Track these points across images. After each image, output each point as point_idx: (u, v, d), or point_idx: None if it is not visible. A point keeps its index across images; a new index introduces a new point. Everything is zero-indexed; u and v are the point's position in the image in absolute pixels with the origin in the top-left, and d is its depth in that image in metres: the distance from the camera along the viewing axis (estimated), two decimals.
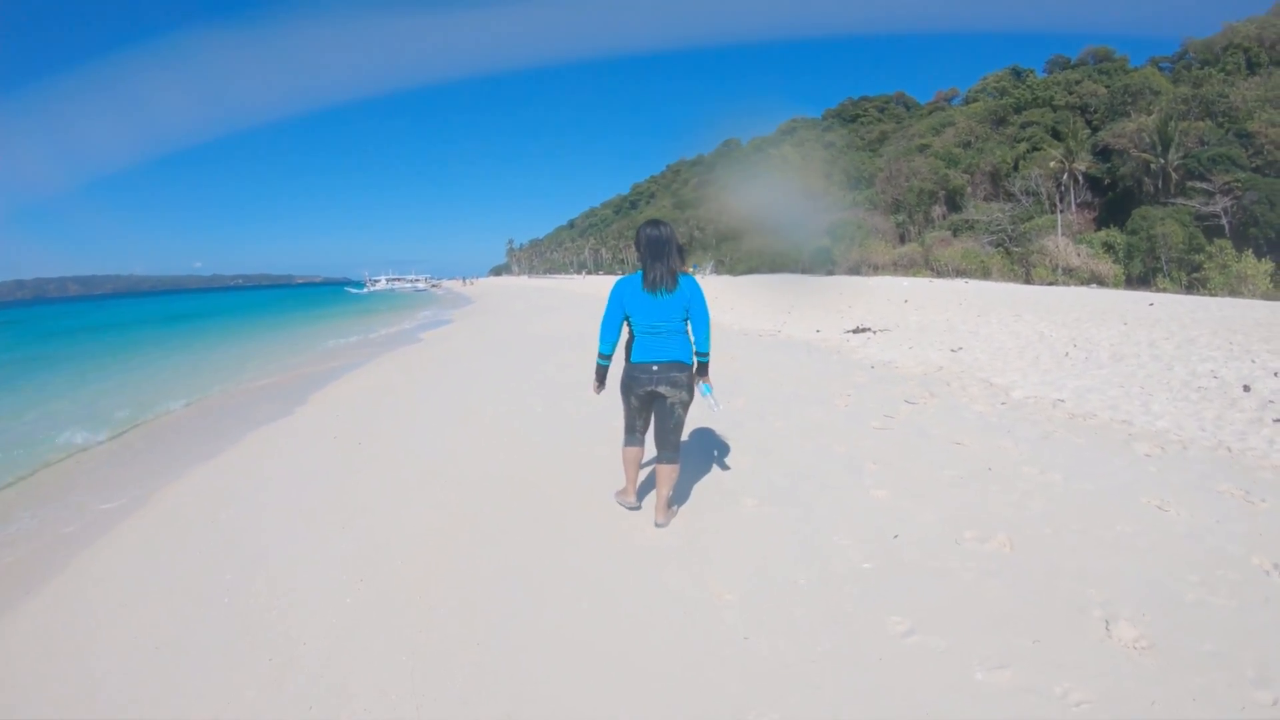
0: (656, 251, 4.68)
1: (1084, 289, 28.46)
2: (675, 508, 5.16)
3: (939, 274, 46.01)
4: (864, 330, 14.57)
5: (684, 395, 4.82)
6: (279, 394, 12.31)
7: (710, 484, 5.73)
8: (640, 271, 4.74)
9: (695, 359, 4.88)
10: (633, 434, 5.09)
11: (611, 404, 6.00)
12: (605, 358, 4.90)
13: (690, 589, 4.06)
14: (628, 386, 4.89)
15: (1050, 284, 36.77)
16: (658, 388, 4.78)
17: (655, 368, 4.75)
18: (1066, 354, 10.51)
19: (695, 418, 7.54)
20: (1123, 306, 16.97)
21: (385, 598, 4.21)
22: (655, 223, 4.79)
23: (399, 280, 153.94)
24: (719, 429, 7.17)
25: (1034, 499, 5.10)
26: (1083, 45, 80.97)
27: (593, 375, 5.09)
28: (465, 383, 11.68)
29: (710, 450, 6.57)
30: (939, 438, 6.66)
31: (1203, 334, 11.57)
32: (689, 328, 4.85)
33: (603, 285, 57.48)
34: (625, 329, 4.88)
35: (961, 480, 5.53)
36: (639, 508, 5.29)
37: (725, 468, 6.10)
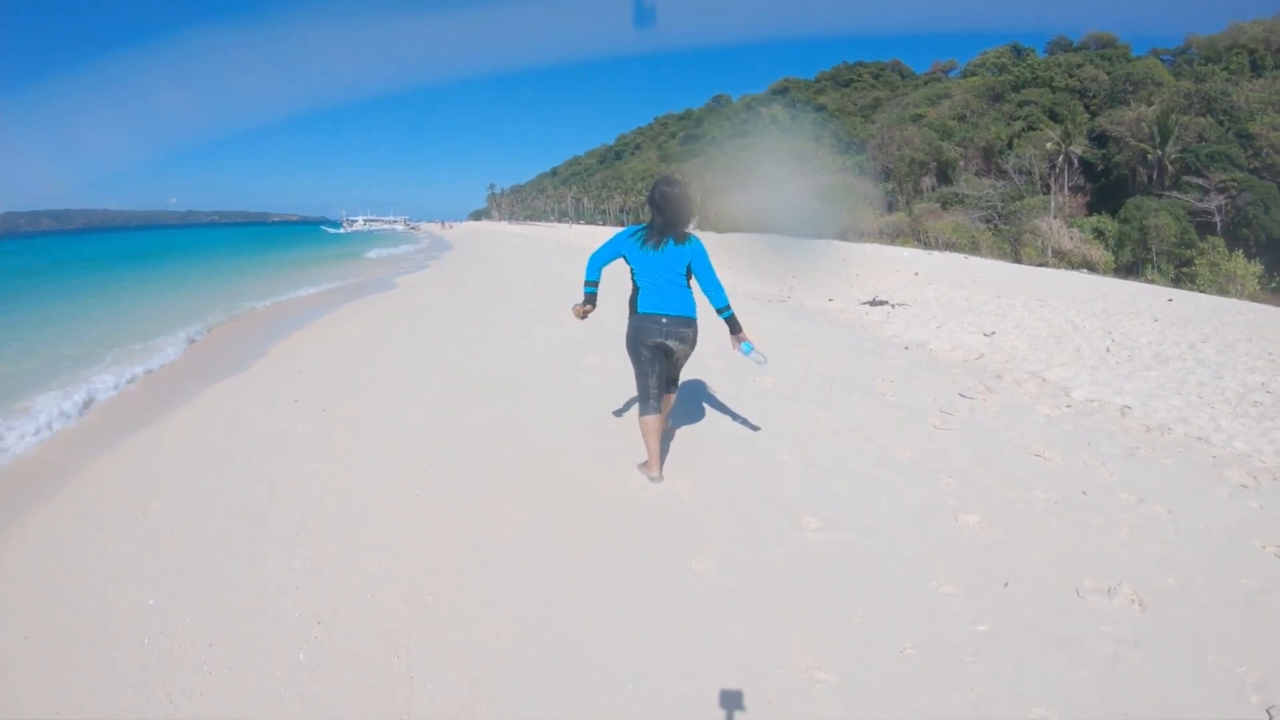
0: (674, 210, 4.70)
1: (1084, 275, 27.73)
2: (669, 424, 5.50)
3: (926, 245, 45.32)
4: (881, 303, 13.59)
5: (688, 350, 4.88)
6: (235, 344, 10.90)
7: (759, 496, 4.67)
8: (644, 225, 4.77)
9: (720, 316, 4.87)
10: (648, 400, 4.86)
11: (621, 378, 5.57)
12: (591, 284, 4.86)
13: (767, 661, 3.02)
14: (636, 338, 4.80)
15: (1040, 265, 36.33)
16: (667, 340, 4.75)
17: (664, 320, 4.72)
18: (1107, 349, 9.69)
19: (726, 397, 6.63)
20: (1145, 300, 16.22)
21: (350, 654, 3.11)
22: (672, 181, 4.84)
23: (376, 221, 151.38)
24: (754, 418, 6.14)
25: (1144, 538, 4.24)
26: (1084, 30, 79.87)
27: (581, 301, 4.92)
28: (446, 339, 10.42)
29: (749, 448, 5.53)
30: (1012, 445, 5.73)
31: (1238, 339, 10.82)
32: (692, 284, 4.82)
33: (591, 236, 55.99)
34: (630, 282, 4.83)
35: (1057, 507, 4.61)
36: (661, 479, 4.88)
37: (773, 473, 5.05)
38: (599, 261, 4.82)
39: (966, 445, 5.68)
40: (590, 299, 4.88)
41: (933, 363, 8.62)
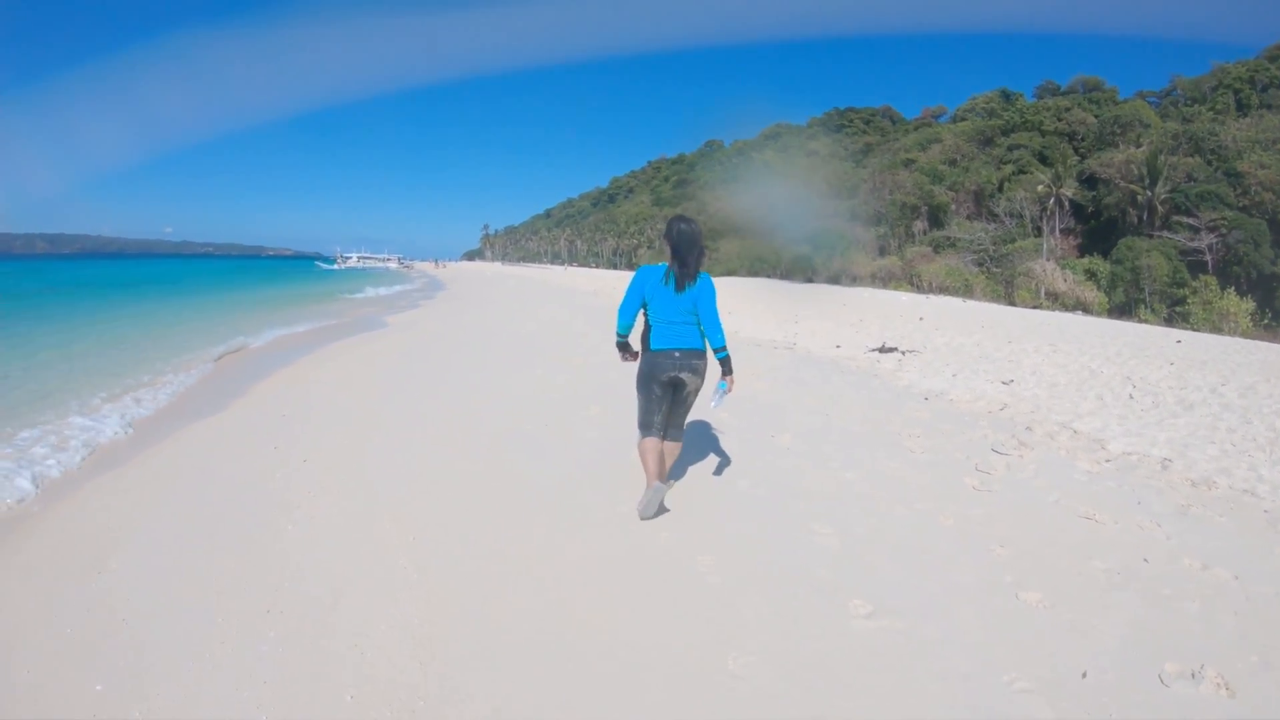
0: (689, 248, 4.80)
1: (1088, 318, 27.47)
2: (672, 481, 5.42)
3: (919, 289, 45.22)
4: (891, 350, 13.12)
5: (699, 383, 4.93)
6: (214, 383, 10.48)
7: (794, 573, 4.15)
8: (663, 265, 4.88)
9: (716, 357, 4.89)
10: (649, 427, 4.98)
11: (625, 430, 5.68)
12: (622, 337, 5.05)
13: None
14: (650, 374, 4.88)
15: (1035, 307, 36.20)
16: (680, 374, 4.83)
17: (677, 354, 4.81)
18: (1130, 396, 9.29)
19: (743, 455, 6.17)
20: (1154, 342, 15.87)
21: None
22: (687, 219, 4.95)
23: (370, 258, 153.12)
24: (776, 480, 5.68)
25: (1217, 609, 3.80)
26: (1071, 74, 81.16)
27: (616, 350, 5.18)
28: (438, 384, 9.99)
29: (775, 516, 5.03)
30: (1058, 507, 5.26)
31: (1256, 381, 10.50)
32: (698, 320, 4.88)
33: (586, 280, 55.70)
34: (641, 318, 4.97)
35: (1120, 578, 4.15)
36: (663, 498, 5.03)
37: (805, 545, 4.54)
38: (629, 312, 4.92)
39: (1011, 508, 5.21)
40: (624, 347, 5.12)
41: (956, 414, 8.16)
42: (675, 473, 5.59)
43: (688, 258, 4.77)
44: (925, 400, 8.90)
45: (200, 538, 4.66)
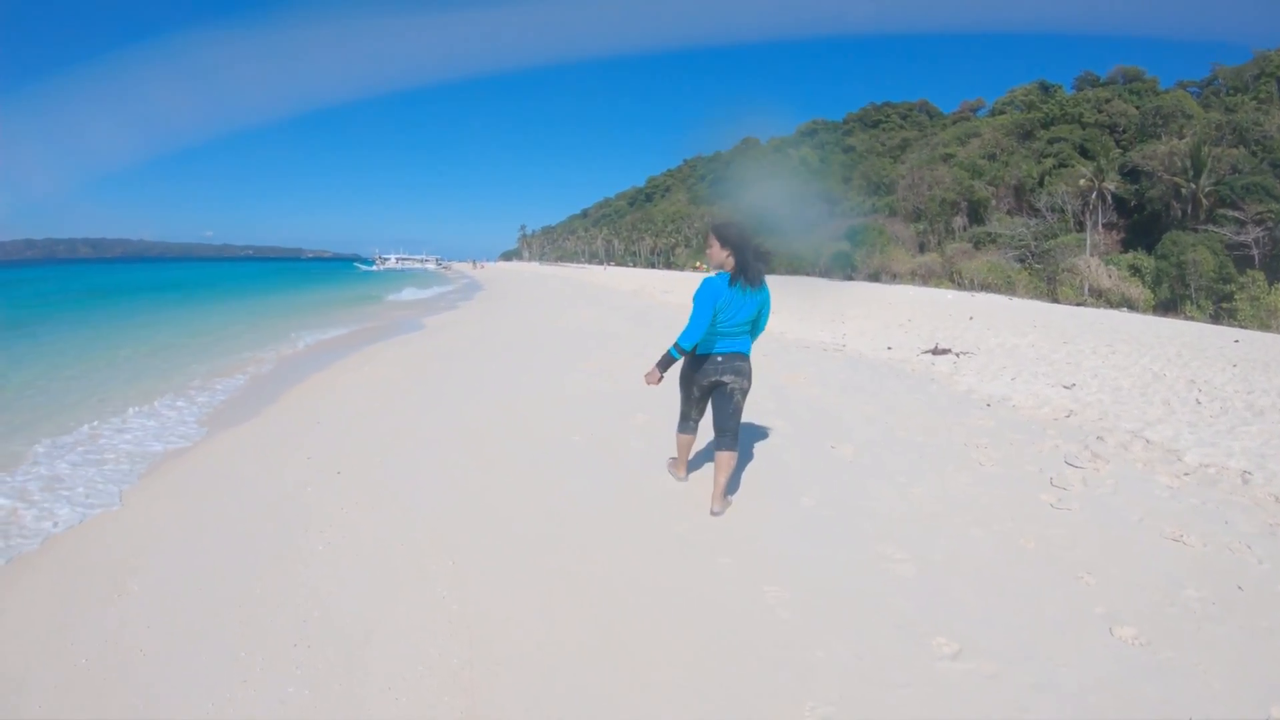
0: (756, 247, 4.81)
1: (1140, 316, 26.80)
2: (730, 497, 5.21)
3: (960, 286, 44.51)
4: (944, 351, 12.73)
5: (744, 383, 4.93)
6: (249, 387, 10.42)
7: (870, 606, 3.88)
8: (724, 274, 4.80)
9: None
10: (687, 421, 5.25)
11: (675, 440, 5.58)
12: (683, 352, 4.83)
13: None
14: (690, 378, 5.02)
15: (1078, 304, 35.49)
16: (722, 377, 4.89)
17: (720, 358, 4.88)
18: (1197, 401, 8.90)
19: (803, 470, 5.90)
20: (1212, 342, 15.35)
21: None
22: (737, 221, 5.02)
23: (408, 260, 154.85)
24: (841, 498, 5.44)
25: None
26: (1109, 65, 79.37)
27: (656, 364, 4.86)
28: (477, 389, 9.78)
29: (843, 539, 4.77)
30: (1143, 527, 4.97)
31: None
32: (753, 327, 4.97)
33: (626, 279, 55.52)
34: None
35: (1216, 609, 3.88)
36: (686, 480, 5.60)
37: (878, 573, 4.28)
38: (702, 328, 4.76)
39: (1094, 529, 4.93)
40: (668, 365, 4.85)
41: (1021, 422, 7.84)
42: (732, 486, 5.38)
43: (754, 259, 4.79)
44: (987, 407, 8.60)
45: (225, 559, 4.51)
